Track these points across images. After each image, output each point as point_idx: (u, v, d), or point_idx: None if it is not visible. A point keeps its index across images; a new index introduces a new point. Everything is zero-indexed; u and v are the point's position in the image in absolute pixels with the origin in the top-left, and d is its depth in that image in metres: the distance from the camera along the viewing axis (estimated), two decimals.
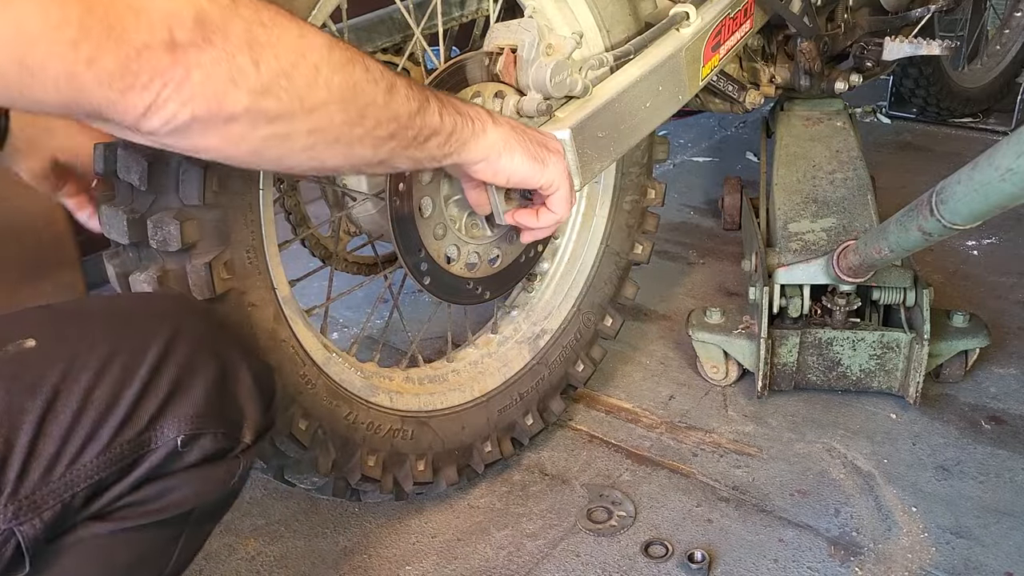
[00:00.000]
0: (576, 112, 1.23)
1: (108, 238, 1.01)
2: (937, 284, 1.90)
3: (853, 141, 1.96)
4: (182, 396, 0.76)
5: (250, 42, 0.67)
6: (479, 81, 1.20)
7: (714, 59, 1.51)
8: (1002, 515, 1.39)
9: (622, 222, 1.54)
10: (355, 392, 1.23)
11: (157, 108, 0.64)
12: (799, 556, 1.32)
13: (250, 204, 1.03)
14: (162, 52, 0.62)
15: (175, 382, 0.76)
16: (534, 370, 1.48)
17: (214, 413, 0.78)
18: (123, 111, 0.63)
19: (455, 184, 1.22)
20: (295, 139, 0.74)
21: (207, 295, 1.00)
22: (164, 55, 0.62)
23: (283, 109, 0.71)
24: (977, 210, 1.09)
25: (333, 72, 0.75)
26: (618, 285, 1.59)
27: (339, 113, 0.76)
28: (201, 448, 0.77)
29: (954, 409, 1.64)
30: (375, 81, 0.79)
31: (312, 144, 0.76)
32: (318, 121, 0.75)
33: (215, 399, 0.78)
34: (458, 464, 1.39)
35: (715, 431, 1.60)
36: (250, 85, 0.68)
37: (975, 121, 3.04)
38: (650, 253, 1.62)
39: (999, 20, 3.15)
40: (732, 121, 3.19)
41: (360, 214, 1.24)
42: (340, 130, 0.78)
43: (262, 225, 1.05)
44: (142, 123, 0.65)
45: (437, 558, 1.34)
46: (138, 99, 0.63)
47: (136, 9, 0.60)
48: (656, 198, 1.59)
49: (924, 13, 2.12)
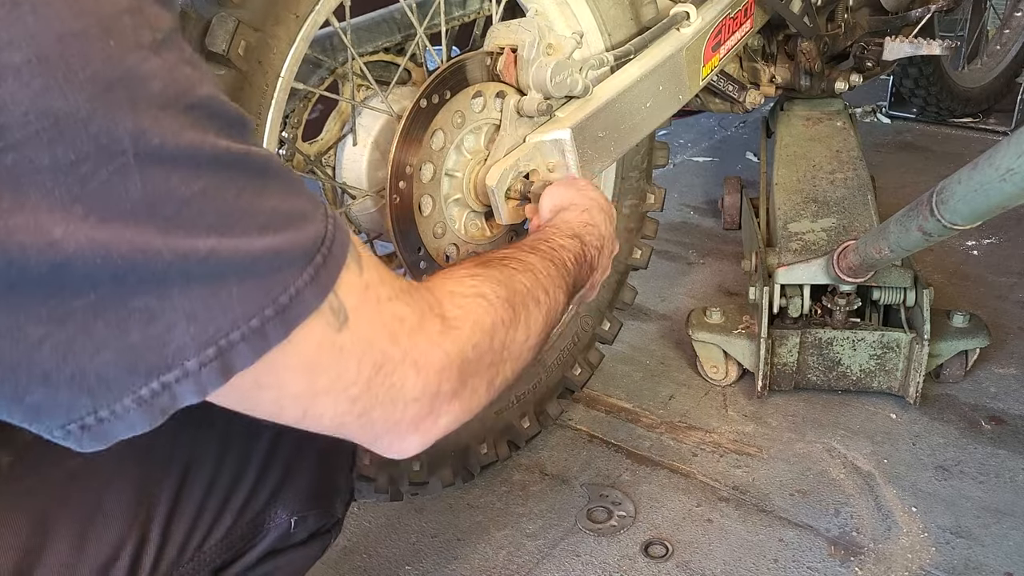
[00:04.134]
0: (576, 112, 1.23)
1: None
2: (937, 284, 1.90)
3: (853, 141, 1.96)
4: (294, 477, 0.77)
5: (491, 379, 0.68)
6: (479, 81, 1.20)
7: (714, 59, 1.51)
8: (1002, 515, 1.39)
9: (621, 226, 1.54)
10: None
11: (399, 445, 0.63)
12: (799, 556, 1.32)
13: None
14: (427, 405, 0.62)
15: (287, 464, 0.77)
16: (531, 373, 1.48)
17: (318, 493, 0.80)
18: (369, 442, 0.63)
19: (455, 183, 1.22)
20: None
21: None
22: (426, 407, 0.62)
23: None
24: (977, 210, 1.09)
25: (533, 347, 0.75)
26: (616, 289, 1.59)
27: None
28: (306, 527, 0.79)
29: (954, 409, 1.64)
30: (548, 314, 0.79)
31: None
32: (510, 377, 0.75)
33: (319, 479, 0.80)
34: (454, 465, 1.39)
35: (715, 431, 1.60)
36: (481, 404, 0.68)
37: (975, 121, 3.04)
38: (648, 258, 1.62)
39: (999, 20, 3.15)
40: (732, 121, 3.19)
41: (359, 212, 1.24)
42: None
43: None
44: (379, 449, 0.64)
45: (437, 558, 1.34)
46: (389, 441, 0.63)
47: (418, 366, 0.60)
48: (655, 203, 1.59)
49: (924, 13, 2.13)
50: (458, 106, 1.18)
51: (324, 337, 0.53)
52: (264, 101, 0.99)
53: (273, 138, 1.02)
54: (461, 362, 0.63)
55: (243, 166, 0.50)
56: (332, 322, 0.54)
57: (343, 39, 1.13)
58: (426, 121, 1.15)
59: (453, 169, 1.21)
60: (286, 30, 0.99)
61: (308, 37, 1.03)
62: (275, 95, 1.00)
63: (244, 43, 0.94)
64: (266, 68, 0.98)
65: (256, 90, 0.98)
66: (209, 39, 0.91)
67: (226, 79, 0.94)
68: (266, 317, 0.49)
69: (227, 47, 0.92)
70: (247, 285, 0.48)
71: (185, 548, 0.71)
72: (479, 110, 1.21)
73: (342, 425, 0.59)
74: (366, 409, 0.58)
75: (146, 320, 0.46)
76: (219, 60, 0.93)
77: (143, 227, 0.45)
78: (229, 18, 0.92)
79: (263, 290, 0.49)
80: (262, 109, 0.99)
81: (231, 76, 0.94)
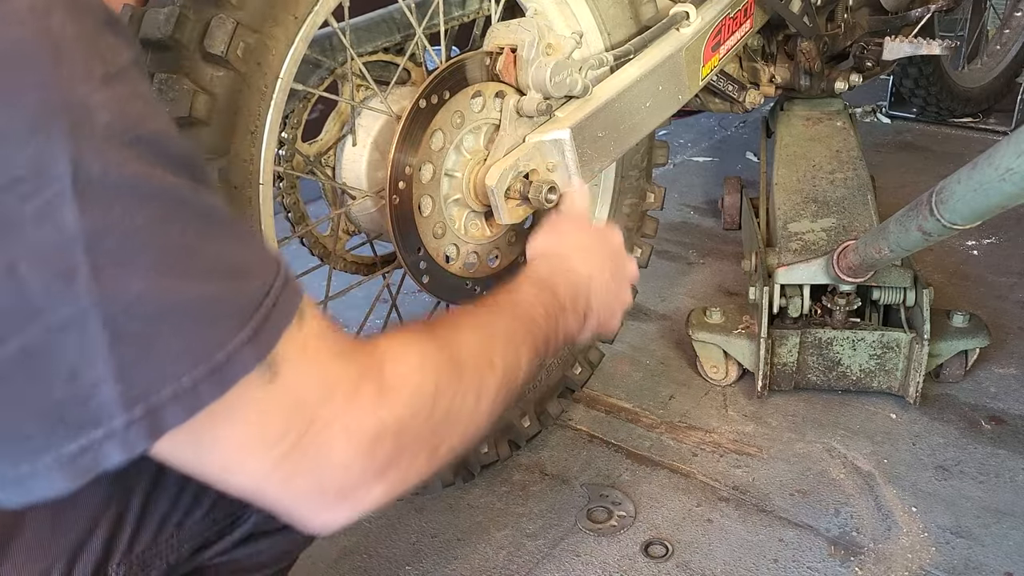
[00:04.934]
0: (576, 112, 1.23)
1: None
2: (937, 284, 1.90)
3: (853, 141, 1.96)
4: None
5: (434, 448, 0.62)
6: (479, 81, 1.20)
7: (714, 59, 1.51)
8: (1002, 515, 1.39)
9: (621, 225, 1.54)
10: None
11: (326, 515, 0.58)
12: (799, 556, 1.32)
13: (250, 199, 1.02)
14: (356, 474, 0.57)
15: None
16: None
17: None
18: (292, 510, 0.58)
19: (454, 183, 1.22)
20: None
21: None
22: (356, 476, 0.57)
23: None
24: (977, 210, 1.09)
25: (487, 411, 0.68)
26: None
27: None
28: None
29: (954, 409, 1.64)
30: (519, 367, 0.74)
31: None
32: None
33: None
34: (454, 464, 1.38)
35: (715, 431, 1.60)
36: (421, 474, 0.63)
37: (975, 121, 3.04)
38: (648, 257, 1.62)
39: (999, 20, 3.15)
40: (732, 121, 3.19)
41: (359, 212, 1.24)
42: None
43: (261, 220, 1.05)
44: (304, 519, 0.59)
45: (437, 558, 1.34)
46: (314, 510, 0.58)
47: (349, 431, 0.55)
48: (655, 202, 1.59)
49: (924, 13, 2.12)
50: (457, 106, 1.18)
51: (256, 392, 0.50)
52: (263, 103, 0.99)
53: (272, 139, 1.02)
54: (398, 430, 0.58)
55: (190, 205, 0.47)
56: (265, 374, 0.50)
57: (342, 39, 1.13)
58: (425, 121, 1.15)
59: (453, 169, 1.21)
60: (284, 31, 0.99)
61: (307, 38, 1.03)
62: (274, 96, 1.00)
63: (243, 45, 0.94)
64: (265, 70, 0.98)
65: (255, 91, 0.98)
66: (208, 41, 0.92)
67: (225, 81, 0.94)
68: (199, 376, 0.46)
69: (226, 49, 0.92)
70: (181, 337, 0.46)
71: (163, 526, 0.70)
72: (478, 110, 1.21)
73: (263, 487, 0.54)
74: (291, 473, 0.54)
75: (69, 374, 0.43)
76: (218, 62, 0.93)
77: (75, 262, 0.42)
78: (228, 20, 0.92)
79: (198, 344, 0.46)
80: (261, 110, 0.99)
81: (230, 78, 0.94)
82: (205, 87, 0.93)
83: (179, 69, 0.93)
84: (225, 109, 0.95)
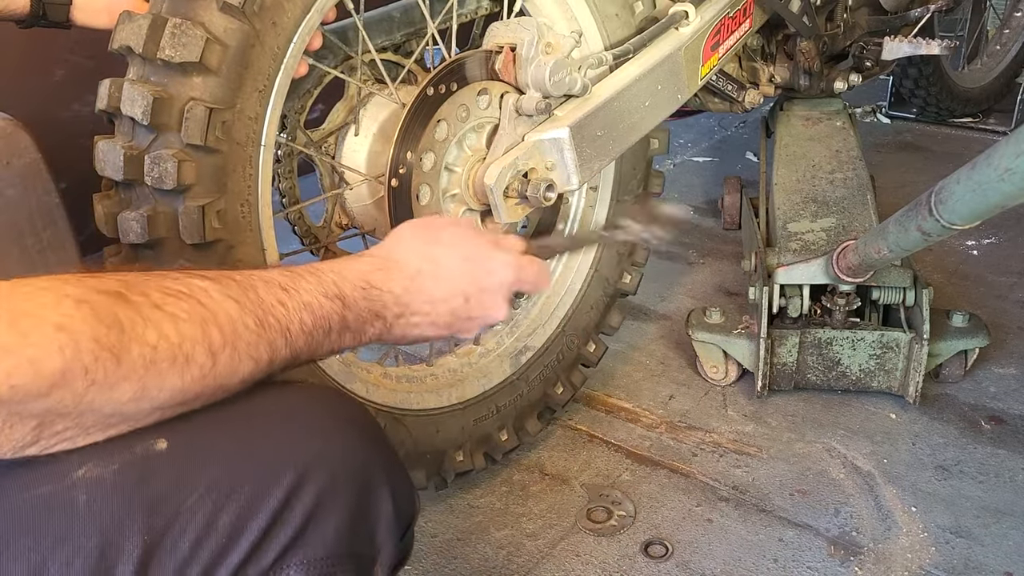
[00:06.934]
0: (575, 111, 1.23)
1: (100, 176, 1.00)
2: (937, 284, 1.90)
3: (853, 141, 1.96)
4: (314, 531, 0.66)
5: (39, 430, 0.58)
6: (478, 80, 1.20)
7: (713, 58, 1.51)
8: (1002, 515, 1.39)
9: (613, 249, 1.54)
10: (331, 373, 1.19)
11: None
12: (799, 556, 1.32)
13: (251, 158, 1.02)
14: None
15: (308, 514, 0.65)
16: (513, 385, 1.45)
17: (346, 552, 0.68)
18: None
19: (454, 178, 1.22)
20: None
21: (196, 240, 0.98)
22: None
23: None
24: (976, 210, 1.09)
25: (152, 411, 0.62)
26: (604, 312, 1.57)
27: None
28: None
29: (954, 409, 1.64)
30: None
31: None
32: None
33: (349, 536, 0.68)
34: (428, 468, 1.34)
35: (715, 431, 1.60)
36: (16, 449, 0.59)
37: (975, 121, 3.04)
38: (638, 284, 1.61)
39: (999, 20, 3.15)
40: (732, 121, 3.19)
41: (354, 203, 1.24)
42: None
43: (259, 182, 1.04)
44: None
45: (437, 558, 1.34)
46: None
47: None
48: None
49: (924, 13, 2.12)
50: (464, 99, 1.18)
51: None
52: (275, 63, 1.00)
53: (279, 102, 1.03)
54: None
55: None
56: None
57: (356, 23, 1.14)
58: (431, 109, 1.15)
59: (453, 164, 1.21)
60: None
61: (322, 10, 1.04)
62: (285, 59, 1.01)
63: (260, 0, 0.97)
64: (279, 31, 1.00)
65: (267, 50, 0.99)
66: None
67: (238, 34, 0.96)
68: None
69: (243, 1, 0.95)
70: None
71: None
72: (484, 107, 1.21)
73: None
74: None
75: None
76: (233, 13, 0.95)
77: None
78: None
79: None
80: (272, 71, 1.00)
81: (243, 31, 0.96)
82: (218, 37, 0.95)
83: (194, 16, 0.94)
84: (236, 62, 0.97)
